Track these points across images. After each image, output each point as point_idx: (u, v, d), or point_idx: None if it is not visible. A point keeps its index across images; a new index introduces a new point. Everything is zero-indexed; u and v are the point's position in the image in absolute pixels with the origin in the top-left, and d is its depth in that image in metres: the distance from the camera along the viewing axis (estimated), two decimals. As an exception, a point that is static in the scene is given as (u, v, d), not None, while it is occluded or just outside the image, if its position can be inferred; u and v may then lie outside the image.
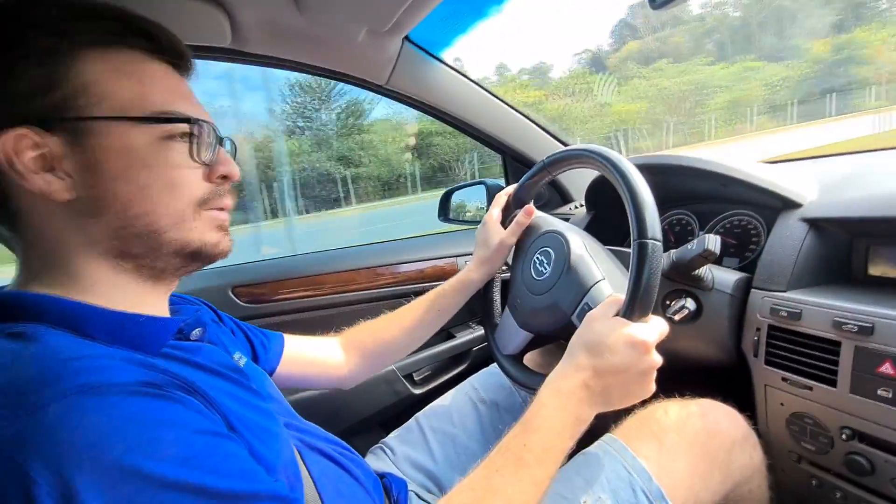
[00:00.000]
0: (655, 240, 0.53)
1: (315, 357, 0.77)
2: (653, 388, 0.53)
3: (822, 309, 0.61)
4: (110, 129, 0.41)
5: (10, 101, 0.39)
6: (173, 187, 0.44)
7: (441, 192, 1.46)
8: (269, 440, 0.43)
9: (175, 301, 0.56)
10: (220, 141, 0.49)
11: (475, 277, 0.82)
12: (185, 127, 0.44)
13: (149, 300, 0.47)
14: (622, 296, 0.55)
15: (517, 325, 0.76)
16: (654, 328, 0.53)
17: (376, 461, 0.79)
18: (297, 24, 0.81)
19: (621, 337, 0.51)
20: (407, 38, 0.94)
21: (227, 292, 1.04)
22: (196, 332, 0.49)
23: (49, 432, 0.30)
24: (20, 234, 0.43)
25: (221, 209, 0.49)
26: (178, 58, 0.48)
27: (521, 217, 0.79)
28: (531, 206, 0.79)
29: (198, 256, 0.47)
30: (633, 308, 0.52)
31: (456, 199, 1.48)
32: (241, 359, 0.57)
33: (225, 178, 0.48)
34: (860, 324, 0.57)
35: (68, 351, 0.35)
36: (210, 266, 1.04)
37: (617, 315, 0.54)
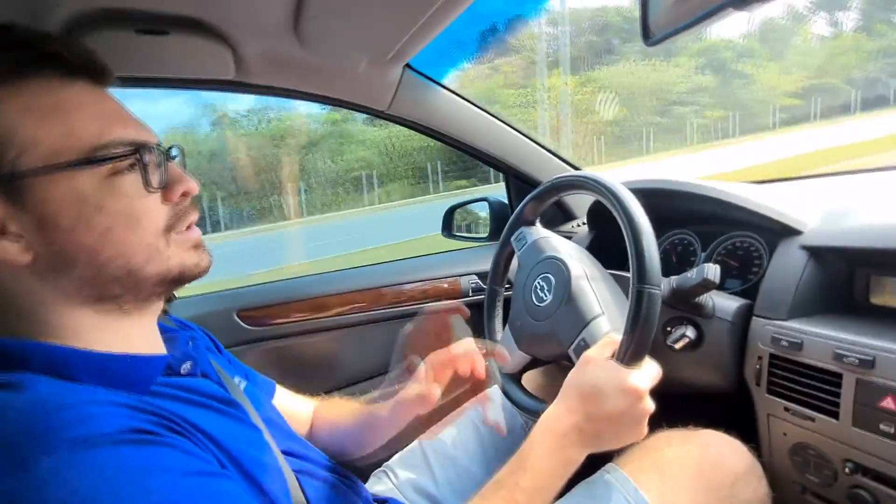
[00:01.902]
0: (654, 287, 0.54)
1: (289, 414, 0.72)
2: (644, 432, 0.54)
3: (822, 340, 0.61)
4: (50, 179, 0.38)
5: None
6: (136, 222, 0.42)
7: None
8: (259, 471, 0.44)
9: (168, 329, 0.55)
10: (168, 156, 0.46)
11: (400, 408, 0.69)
12: (129, 158, 0.41)
13: (136, 335, 0.46)
14: (618, 337, 0.55)
15: (516, 346, 0.76)
16: (647, 375, 0.54)
17: (379, 485, 0.79)
18: (299, 56, 0.83)
19: (615, 383, 0.52)
20: (408, 65, 0.95)
21: (231, 316, 1.05)
22: (186, 367, 0.48)
23: (40, 489, 0.30)
24: None
25: (190, 228, 0.47)
26: (96, 73, 0.43)
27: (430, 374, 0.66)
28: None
29: (180, 280, 0.46)
30: (627, 354, 0.53)
31: (459, 215, 1.49)
32: (241, 383, 0.58)
33: (184, 194, 0.46)
34: (861, 356, 0.56)
35: (55, 399, 0.35)
36: (214, 290, 1.05)
37: (612, 358, 0.55)
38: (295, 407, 0.75)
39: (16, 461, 0.31)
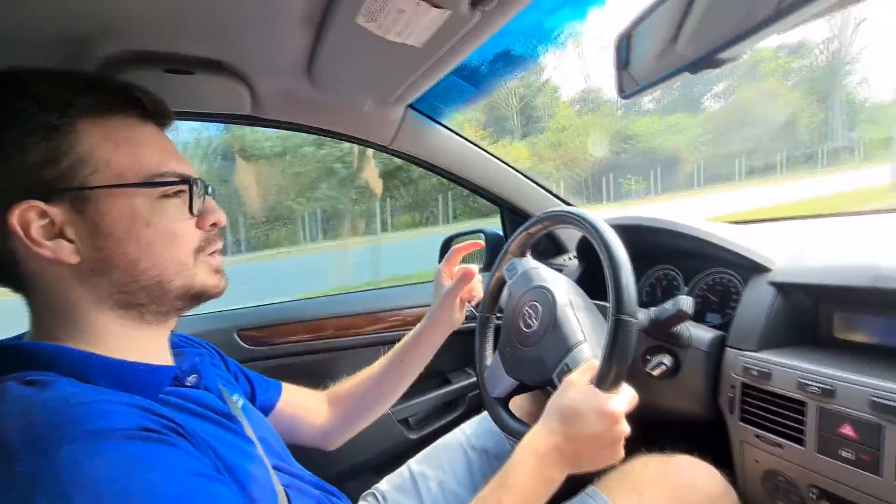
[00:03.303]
0: (631, 317, 0.57)
1: (303, 408, 0.80)
2: (621, 455, 0.57)
3: (788, 370, 0.65)
4: (111, 195, 0.45)
5: (17, 175, 0.43)
6: (174, 240, 0.49)
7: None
8: (251, 484, 0.47)
9: (179, 344, 0.60)
10: (206, 190, 0.53)
11: (428, 328, 0.85)
12: (180, 185, 0.49)
13: (150, 346, 0.51)
14: (598, 362, 0.59)
15: (504, 371, 0.80)
16: (624, 399, 0.57)
17: None
18: (310, 94, 0.90)
19: (593, 406, 0.55)
20: (410, 105, 1.03)
21: (232, 335, 1.09)
22: (191, 379, 0.53)
23: (59, 474, 0.34)
24: (31, 294, 0.47)
25: (215, 254, 0.54)
26: (163, 119, 0.52)
27: (464, 275, 0.83)
28: (472, 268, 0.84)
29: (199, 297, 0.52)
30: (605, 379, 0.57)
31: (455, 245, 1.54)
32: (238, 400, 0.61)
33: (214, 224, 0.54)
34: (822, 386, 0.60)
35: (76, 397, 0.39)
36: (216, 310, 1.10)
37: (591, 383, 0.58)
38: (307, 401, 0.82)
39: (38, 448, 0.35)
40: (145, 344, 0.50)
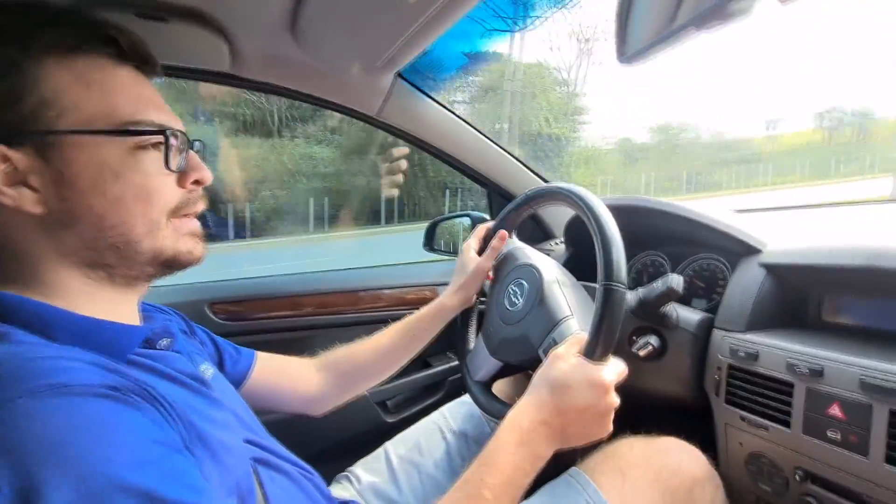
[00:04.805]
0: (620, 283, 0.56)
1: (286, 375, 0.76)
2: (610, 428, 0.55)
3: (776, 351, 0.64)
4: (79, 142, 0.41)
5: None
6: (147, 197, 0.44)
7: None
8: (223, 453, 0.44)
9: (148, 309, 0.57)
10: (191, 145, 0.49)
11: (450, 303, 0.82)
12: (156, 137, 0.44)
13: (119, 307, 0.47)
14: (586, 334, 0.57)
15: (488, 353, 0.77)
16: (613, 369, 0.55)
17: (341, 490, 0.78)
18: (294, 55, 0.86)
19: (582, 377, 0.53)
20: (399, 74, 0.99)
21: (203, 308, 1.04)
22: (163, 342, 0.50)
23: (15, 428, 0.31)
24: None
25: (192, 216, 0.50)
26: (144, 62, 0.47)
27: (495, 242, 0.81)
28: (505, 231, 0.82)
29: (172, 264, 0.48)
30: (594, 349, 0.55)
31: (441, 229, 1.51)
32: (207, 370, 0.58)
33: (197, 182, 0.49)
34: (811, 366, 0.59)
35: (34, 351, 0.36)
36: (188, 281, 1.04)
37: (579, 354, 0.56)
38: (290, 368, 0.77)
39: None
40: (113, 305, 0.46)
